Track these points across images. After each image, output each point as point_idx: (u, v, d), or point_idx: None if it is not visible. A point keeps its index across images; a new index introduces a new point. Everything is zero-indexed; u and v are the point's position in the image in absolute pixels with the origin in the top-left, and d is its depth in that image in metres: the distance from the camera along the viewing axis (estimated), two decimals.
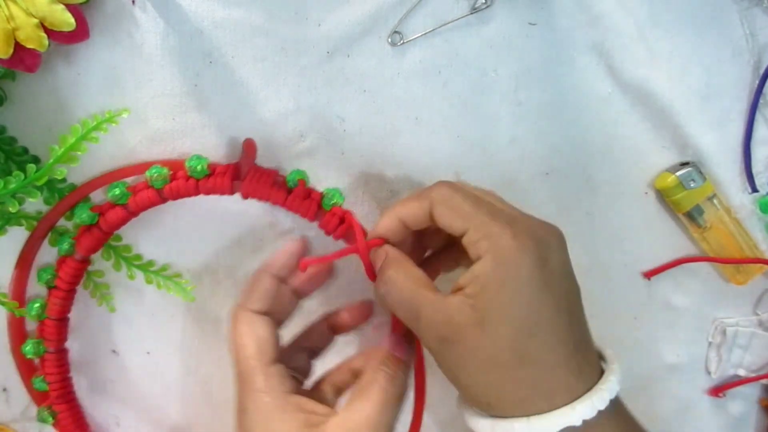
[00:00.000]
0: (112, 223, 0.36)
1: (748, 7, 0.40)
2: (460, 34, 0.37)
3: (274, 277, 0.35)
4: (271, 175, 0.36)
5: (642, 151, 0.41)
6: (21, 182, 0.33)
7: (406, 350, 0.35)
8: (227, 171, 0.35)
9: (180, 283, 0.39)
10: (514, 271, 0.29)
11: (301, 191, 0.36)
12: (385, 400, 0.32)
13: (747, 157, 0.42)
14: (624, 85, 0.39)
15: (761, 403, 0.48)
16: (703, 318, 0.45)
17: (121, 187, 0.35)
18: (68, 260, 0.37)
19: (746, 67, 0.41)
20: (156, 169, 0.35)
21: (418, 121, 0.38)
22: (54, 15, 0.30)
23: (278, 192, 0.36)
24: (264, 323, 0.34)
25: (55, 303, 0.37)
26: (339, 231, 0.36)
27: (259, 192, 0.35)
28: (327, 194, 0.37)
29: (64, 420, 0.39)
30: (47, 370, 0.38)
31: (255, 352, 0.33)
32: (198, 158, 0.35)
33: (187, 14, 0.35)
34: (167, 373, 0.42)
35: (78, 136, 0.33)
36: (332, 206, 0.36)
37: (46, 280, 0.37)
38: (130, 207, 0.36)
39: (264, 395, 0.32)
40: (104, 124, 0.34)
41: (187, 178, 0.35)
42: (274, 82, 0.36)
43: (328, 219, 0.36)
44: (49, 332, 0.37)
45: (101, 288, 0.39)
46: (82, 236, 0.36)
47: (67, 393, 0.39)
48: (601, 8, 0.38)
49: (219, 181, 0.35)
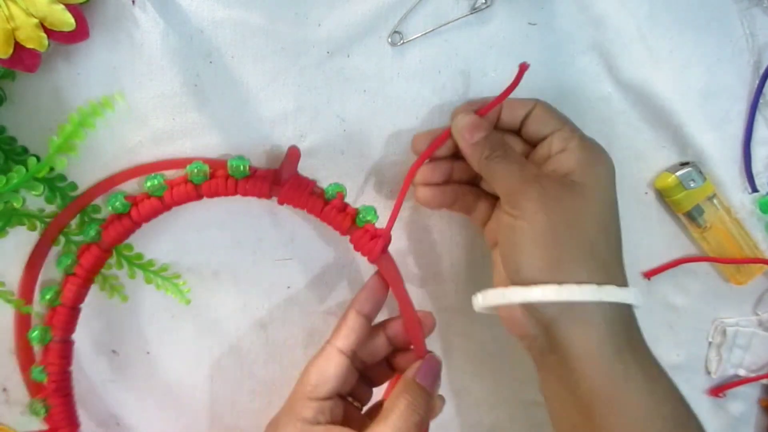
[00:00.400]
0: (144, 214, 0.36)
1: (748, 7, 0.39)
2: (460, 34, 0.37)
3: (360, 315, 0.37)
4: (310, 185, 0.36)
5: (642, 151, 0.41)
6: (23, 176, 0.33)
7: (430, 378, 0.36)
8: (268, 175, 0.36)
9: (177, 284, 0.39)
10: (598, 166, 0.34)
11: (339, 204, 0.36)
12: (403, 427, 0.33)
13: (747, 157, 0.42)
14: (624, 85, 0.39)
15: (761, 403, 0.48)
16: (703, 318, 0.45)
17: (160, 179, 0.35)
18: (92, 247, 0.36)
19: (746, 67, 0.41)
20: (197, 165, 0.35)
21: (418, 121, 0.38)
22: (54, 15, 0.30)
23: (315, 202, 0.36)
24: (338, 363, 0.35)
25: (71, 290, 0.37)
26: (368, 247, 0.36)
27: (296, 200, 0.36)
28: (362, 211, 0.37)
29: (57, 415, 0.37)
30: (50, 360, 0.37)
31: (312, 386, 0.35)
32: (240, 159, 0.35)
33: (187, 14, 0.35)
34: (167, 373, 0.42)
35: (75, 123, 0.33)
36: (365, 223, 0.37)
37: (66, 266, 0.37)
38: (165, 200, 0.36)
39: (298, 423, 0.34)
40: (100, 108, 0.34)
41: (226, 177, 0.35)
42: (274, 82, 0.36)
43: (360, 235, 0.36)
44: (59, 320, 0.37)
45: (110, 279, 0.39)
46: (110, 224, 0.36)
47: (65, 387, 0.38)
48: (601, 8, 0.38)
49: (258, 184, 0.35)
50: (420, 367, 0.36)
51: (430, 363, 0.37)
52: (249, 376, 0.43)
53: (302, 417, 0.34)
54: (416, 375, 0.36)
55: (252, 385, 0.43)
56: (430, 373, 0.36)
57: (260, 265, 0.41)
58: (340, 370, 0.35)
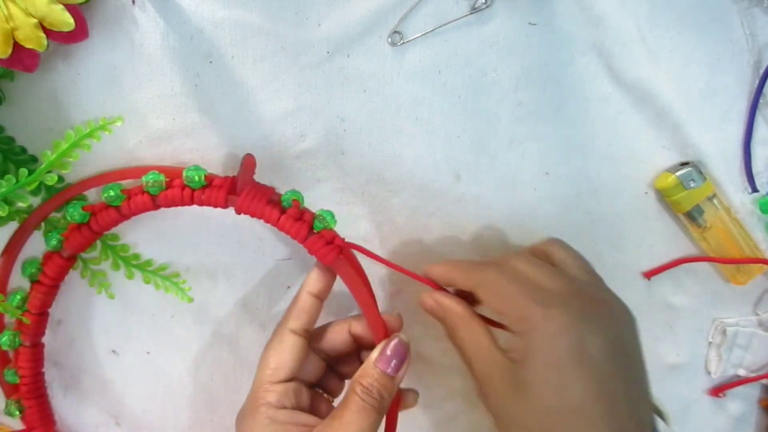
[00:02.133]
0: (103, 224, 0.36)
1: (748, 7, 0.40)
2: (460, 34, 0.37)
3: (310, 295, 0.36)
4: (267, 193, 0.36)
5: (642, 151, 0.41)
6: (11, 186, 0.33)
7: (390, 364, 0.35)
8: (224, 185, 0.35)
9: (177, 283, 0.39)
10: (546, 353, 0.30)
11: (294, 212, 0.35)
12: (361, 409, 0.33)
13: (747, 157, 0.42)
14: (624, 85, 0.39)
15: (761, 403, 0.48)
16: (703, 318, 0.45)
17: (116, 190, 0.35)
18: (54, 256, 0.37)
19: (746, 67, 0.41)
20: (153, 175, 0.35)
21: (418, 121, 0.38)
22: (53, 15, 0.30)
23: (272, 211, 0.35)
24: (293, 343, 0.35)
25: (37, 297, 0.37)
26: (322, 252, 0.35)
27: (252, 209, 0.35)
28: (318, 216, 0.36)
29: (31, 416, 0.39)
30: (20, 364, 0.38)
31: (272, 370, 0.35)
32: (196, 169, 0.35)
33: (187, 14, 0.34)
34: (167, 373, 0.42)
35: (71, 142, 0.33)
36: (322, 229, 0.35)
37: (30, 274, 0.37)
38: (123, 210, 0.35)
39: (262, 407, 0.34)
40: (97, 131, 0.34)
41: (183, 188, 0.35)
42: (274, 82, 0.36)
43: (313, 241, 0.35)
44: (27, 326, 0.37)
45: (98, 275, 0.39)
46: (71, 234, 0.36)
47: (38, 389, 0.39)
48: (601, 8, 0.38)
49: (214, 194, 0.35)
50: (382, 350, 0.35)
51: (395, 346, 0.35)
52: (249, 376, 0.43)
53: (266, 402, 0.34)
54: (377, 360, 0.34)
55: None
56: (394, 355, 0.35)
57: (260, 265, 0.41)
58: (296, 350, 0.35)
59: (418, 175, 0.39)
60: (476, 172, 0.40)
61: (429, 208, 0.40)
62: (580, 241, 0.41)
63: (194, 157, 0.37)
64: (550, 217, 0.41)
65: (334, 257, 0.35)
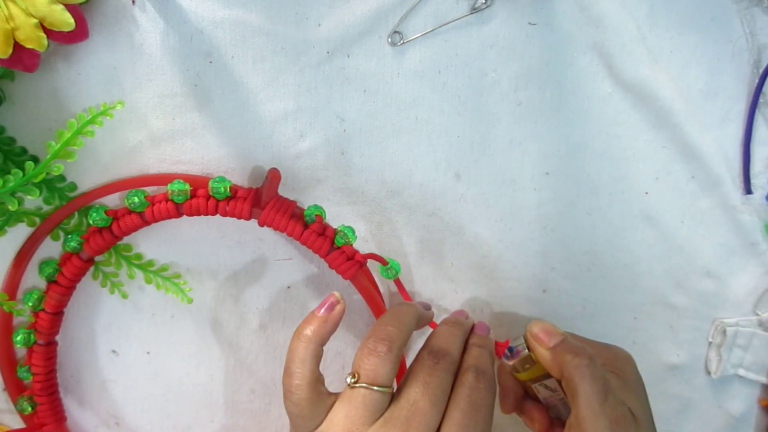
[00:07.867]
0: (125, 229, 0.36)
1: (748, 7, 0.39)
2: (460, 34, 0.37)
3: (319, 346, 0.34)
4: (291, 207, 0.37)
5: (642, 151, 0.41)
6: (19, 180, 0.33)
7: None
8: (248, 197, 0.36)
9: (178, 284, 0.39)
10: None
11: (317, 227, 0.37)
12: None
13: (746, 157, 0.42)
14: (624, 85, 0.39)
15: (761, 403, 0.47)
16: (703, 318, 0.45)
17: (140, 196, 0.36)
18: (74, 258, 0.37)
19: (746, 67, 0.41)
20: (178, 184, 0.35)
21: (418, 121, 0.38)
22: (53, 15, 0.30)
23: (295, 226, 0.36)
24: None
25: (54, 297, 0.37)
26: (343, 267, 0.37)
27: (276, 223, 0.36)
28: (340, 232, 0.37)
29: (44, 412, 0.39)
30: (34, 362, 0.38)
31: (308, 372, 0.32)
32: (222, 180, 0.35)
33: (187, 14, 0.34)
34: (167, 373, 0.42)
35: (74, 130, 0.33)
36: (343, 245, 0.37)
37: (48, 274, 0.37)
38: (146, 216, 0.36)
39: None
40: (99, 117, 0.34)
41: (207, 198, 0.36)
42: (274, 82, 0.36)
43: (335, 256, 0.37)
44: (43, 325, 0.38)
45: (110, 276, 0.39)
46: (91, 237, 0.36)
47: (51, 386, 0.39)
48: (601, 8, 0.38)
49: (239, 207, 0.35)
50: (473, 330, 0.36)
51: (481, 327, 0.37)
52: (249, 376, 0.43)
53: None
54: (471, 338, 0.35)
55: (252, 385, 0.43)
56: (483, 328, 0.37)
57: (260, 265, 0.41)
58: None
59: (418, 175, 0.40)
60: (476, 172, 0.40)
61: (429, 208, 0.40)
62: (580, 241, 0.42)
63: (194, 157, 0.37)
64: (550, 217, 0.41)
65: (354, 272, 0.37)
